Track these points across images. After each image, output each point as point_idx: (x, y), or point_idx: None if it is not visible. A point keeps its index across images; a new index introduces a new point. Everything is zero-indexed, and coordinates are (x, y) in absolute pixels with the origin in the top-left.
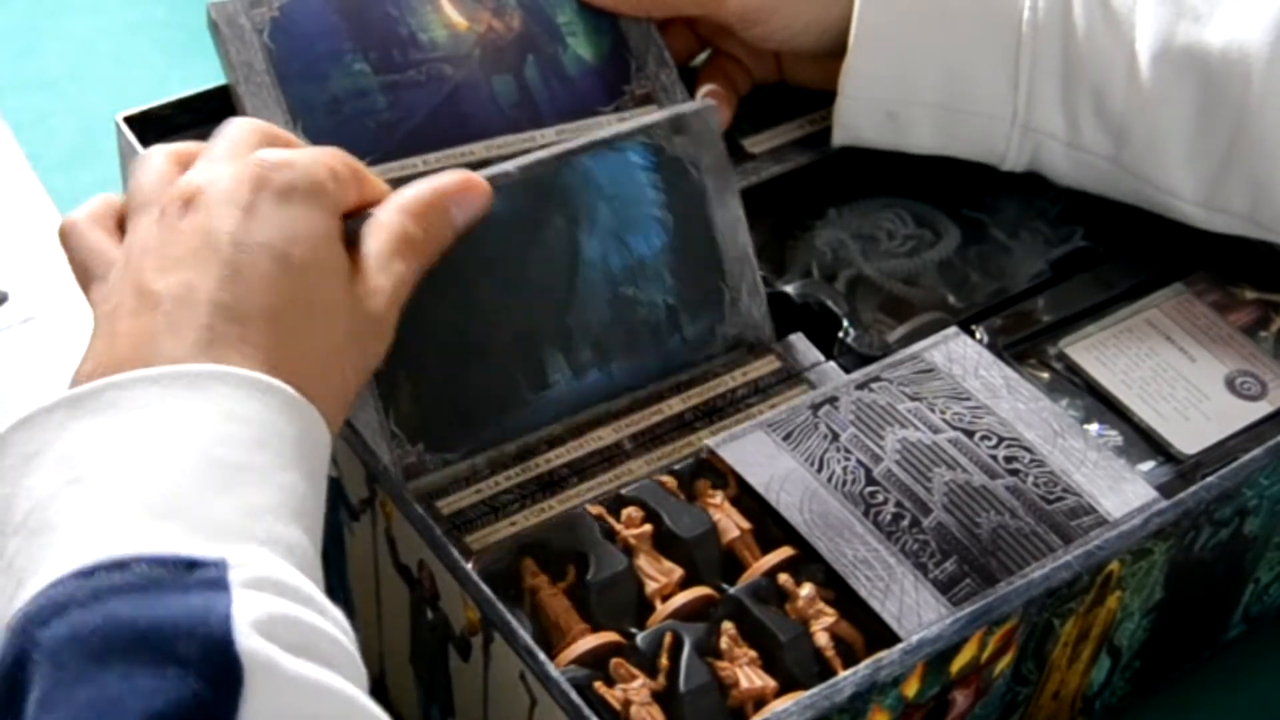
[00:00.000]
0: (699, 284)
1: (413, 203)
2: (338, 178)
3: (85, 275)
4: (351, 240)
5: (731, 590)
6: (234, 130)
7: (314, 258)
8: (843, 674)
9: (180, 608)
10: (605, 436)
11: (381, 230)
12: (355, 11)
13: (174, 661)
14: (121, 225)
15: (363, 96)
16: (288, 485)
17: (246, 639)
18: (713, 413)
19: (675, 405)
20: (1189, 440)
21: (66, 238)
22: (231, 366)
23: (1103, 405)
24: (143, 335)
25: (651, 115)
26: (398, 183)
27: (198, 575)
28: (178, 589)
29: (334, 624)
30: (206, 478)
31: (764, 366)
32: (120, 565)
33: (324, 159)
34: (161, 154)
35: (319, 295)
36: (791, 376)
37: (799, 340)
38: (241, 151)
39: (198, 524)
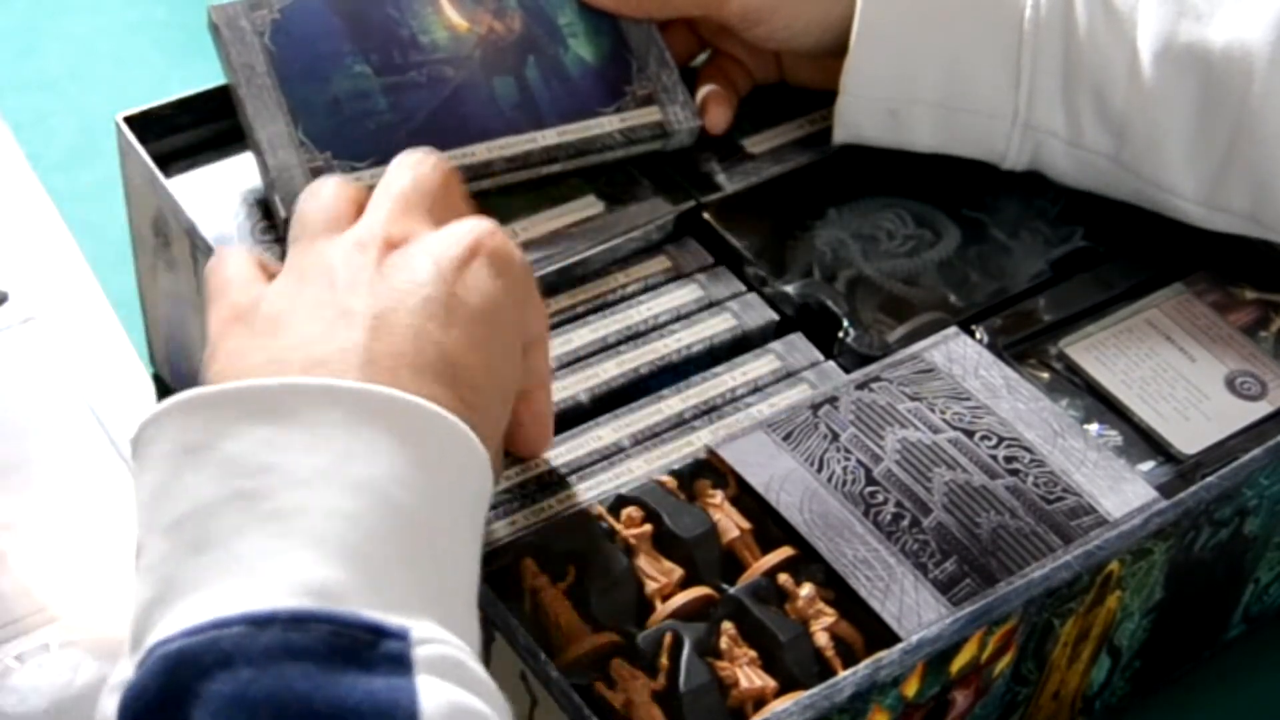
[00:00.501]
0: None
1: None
2: (533, 276)
3: (219, 294)
4: None
5: (731, 590)
6: (424, 174)
7: (512, 342)
8: (843, 674)
9: (363, 693)
10: (605, 436)
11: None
12: (356, 14)
13: None
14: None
15: (364, 98)
16: (468, 553)
17: None
18: (711, 411)
19: (675, 404)
20: (1189, 440)
21: (215, 262)
22: (428, 402)
23: (1103, 405)
24: (338, 346)
25: None
26: None
27: (382, 649)
28: (360, 665)
29: (501, 713)
30: (395, 532)
31: (764, 366)
32: (299, 621)
33: (528, 264)
34: (341, 186)
35: (508, 380)
36: (790, 375)
37: (799, 340)
38: (426, 201)
39: (381, 584)
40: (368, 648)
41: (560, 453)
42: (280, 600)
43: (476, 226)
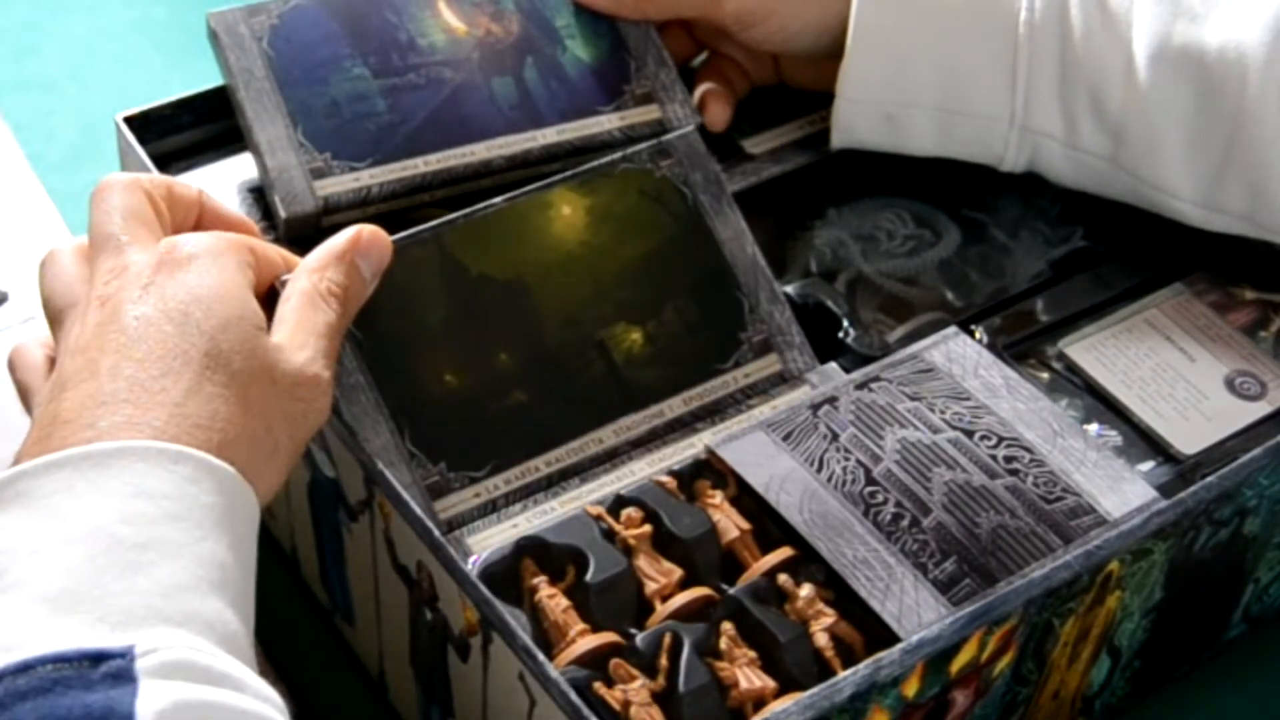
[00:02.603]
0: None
1: (317, 260)
2: (236, 247)
3: (28, 396)
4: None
5: (731, 591)
6: (118, 202)
7: (218, 313)
8: (842, 674)
9: (81, 708)
10: (605, 439)
11: (295, 290)
12: (354, 18)
13: None
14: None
15: (362, 100)
16: (205, 557)
17: None
18: (714, 413)
19: (676, 407)
20: (1189, 440)
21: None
22: (136, 439)
23: (1102, 405)
24: (49, 415)
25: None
26: (398, 184)
27: (103, 669)
28: (81, 686)
29: (256, 698)
30: (112, 562)
31: (766, 368)
32: (25, 669)
33: (225, 235)
34: (67, 255)
35: (228, 350)
36: (792, 379)
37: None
38: (138, 232)
39: (104, 613)
40: (89, 671)
41: (560, 454)
42: (6, 658)
43: (164, 245)
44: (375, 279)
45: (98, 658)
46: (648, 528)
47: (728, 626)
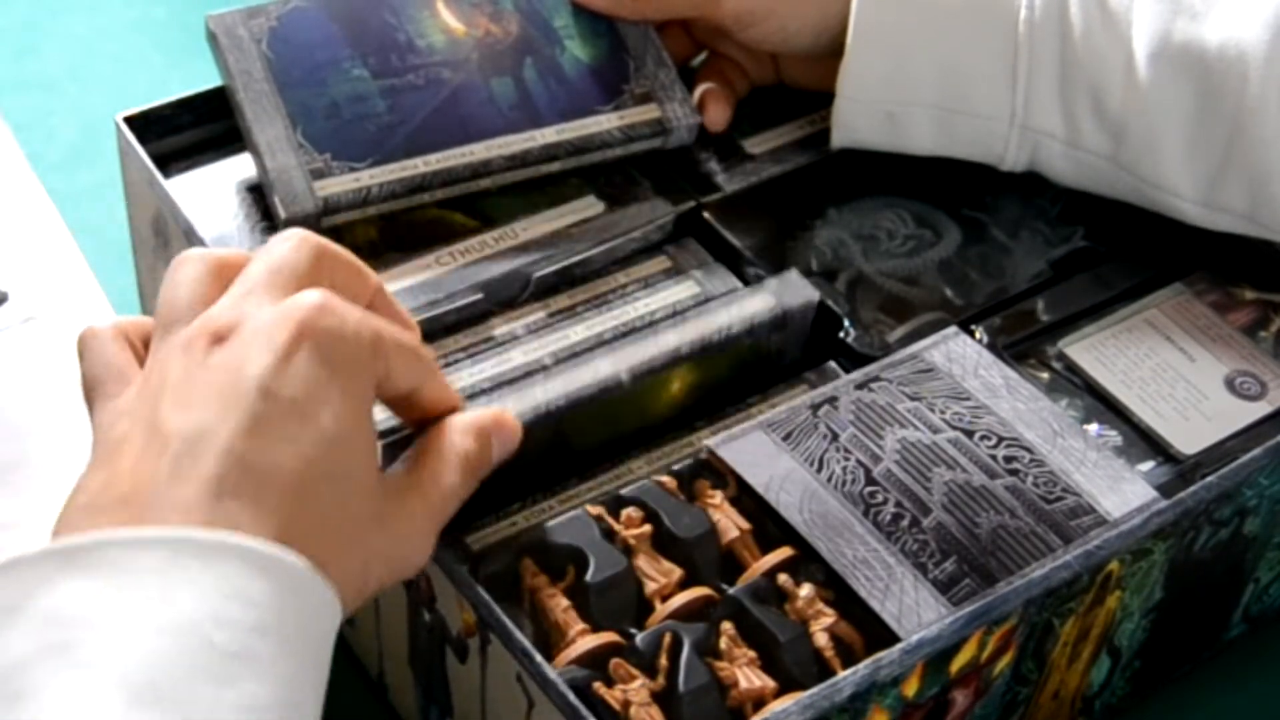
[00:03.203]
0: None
1: (472, 425)
2: (379, 351)
3: (95, 390)
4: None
5: (731, 590)
6: (282, 253)
7: (343, 429)
8: (842, 674)
9: None
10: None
11: (446, 442)
12: (353, 20)
13: None
14: (146, 344)
15: (362, 100)
16: (289, 677)
17: None
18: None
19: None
20: (1189, 440)
21: (84, 346)
22: (240, 536)
23: (1102, 405)
24: (146, 477)
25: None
26: (397, 184)
27: None
28: None
29: None
30: (199, 665)
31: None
32: None
33: (374, 324)
34: (200, 264)
35: (344, 468)
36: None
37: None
38: (287, 283)
39: (186, 717)
40: None
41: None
42: None
43: (303, 307)
44: (500, 462)
45: None
46: (648, 528)
47: (728, 626)
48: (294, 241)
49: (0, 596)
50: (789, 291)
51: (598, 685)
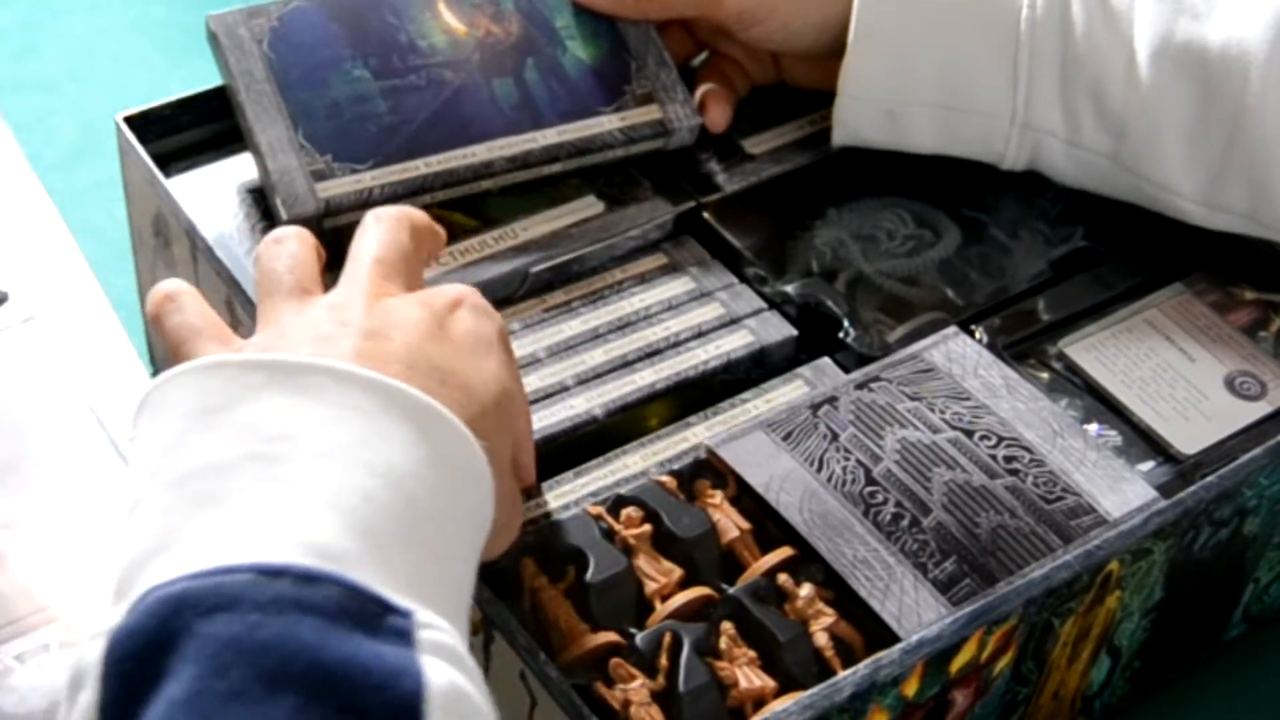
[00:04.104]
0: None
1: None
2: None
3: (194, 341)
4: None
5: (731, 590)
6: (382, 247)
7: (503, 378)
8: (842, 674)
9: (372, 655)
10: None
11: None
12: (354, 20)
13: (354, 713)
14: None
15: (363, 101)
16: (471, 554)
17: (435, 713)
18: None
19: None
20: (1189, 440)
21: (170, 303)
22: (451, 413)
23: (1102, 405)
24: (369, 354)
25: None
26: (399, 185)
27: (389, 622)
28: (368, 631)
29: (491, 709)
30: (405, 519)
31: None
32: (310, 579)
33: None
34: (298, 237)
35: (504, 413)
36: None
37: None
38: (395, 277)
39: (390, 565)
40: (376, 617)
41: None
42: (291, 556)
43: (458, 286)
44: None
45: (385, 607)
46: (648, 527)
47: (728, 626)
48: (403, 224)
49: (204, 397)
50: (768, 329)
51: (598, 685)
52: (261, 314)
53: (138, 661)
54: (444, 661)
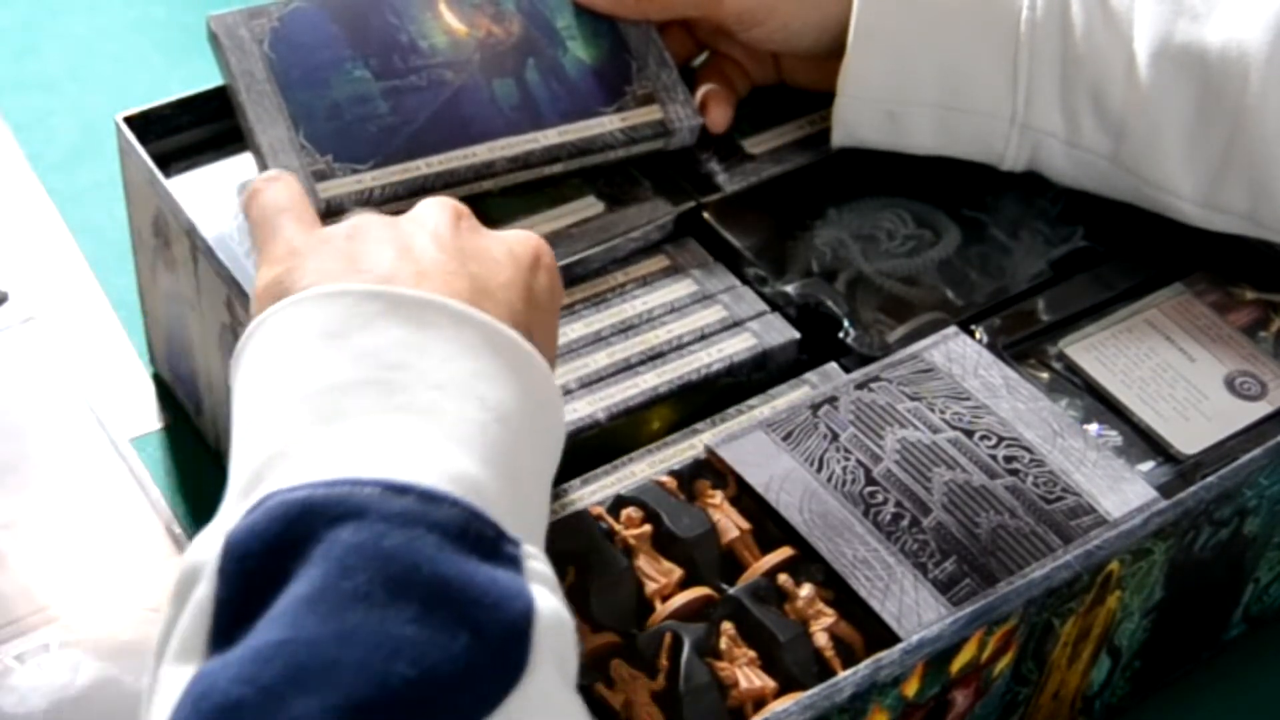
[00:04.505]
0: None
1: None
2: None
3: (286, 213)
4: None
5: (731, 590)
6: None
7: (556, 336)
8: (842, 674)
9: (488, 577)
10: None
11: None
12: (355, 20)
13: (469, 629)
14: None
15: (364, 102)
16: (546, 495)
17: (541, 637)
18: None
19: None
20: (1189, 440)
21: (261, 188)
22: (542, 360)
23: (1102, 405)
24: (476, 296)
25: None
26: (400, 186)
27: (504, 548)
28: (485, 553)
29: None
30: (511, 453)
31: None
32: (434, 499)
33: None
34: (290, 177)
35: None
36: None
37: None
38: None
39: (502, 494)
40: (492, 541)
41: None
42: (419, 477)
43: (532, 237)
44: None
45: (503, 536)
46: (648, 528)
47: (728, 626)
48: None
49: (323, 323)
50: (770, 332)
51: (598, 685)
52: (291, 240)
53: (261, 559)
54: (548, 590)
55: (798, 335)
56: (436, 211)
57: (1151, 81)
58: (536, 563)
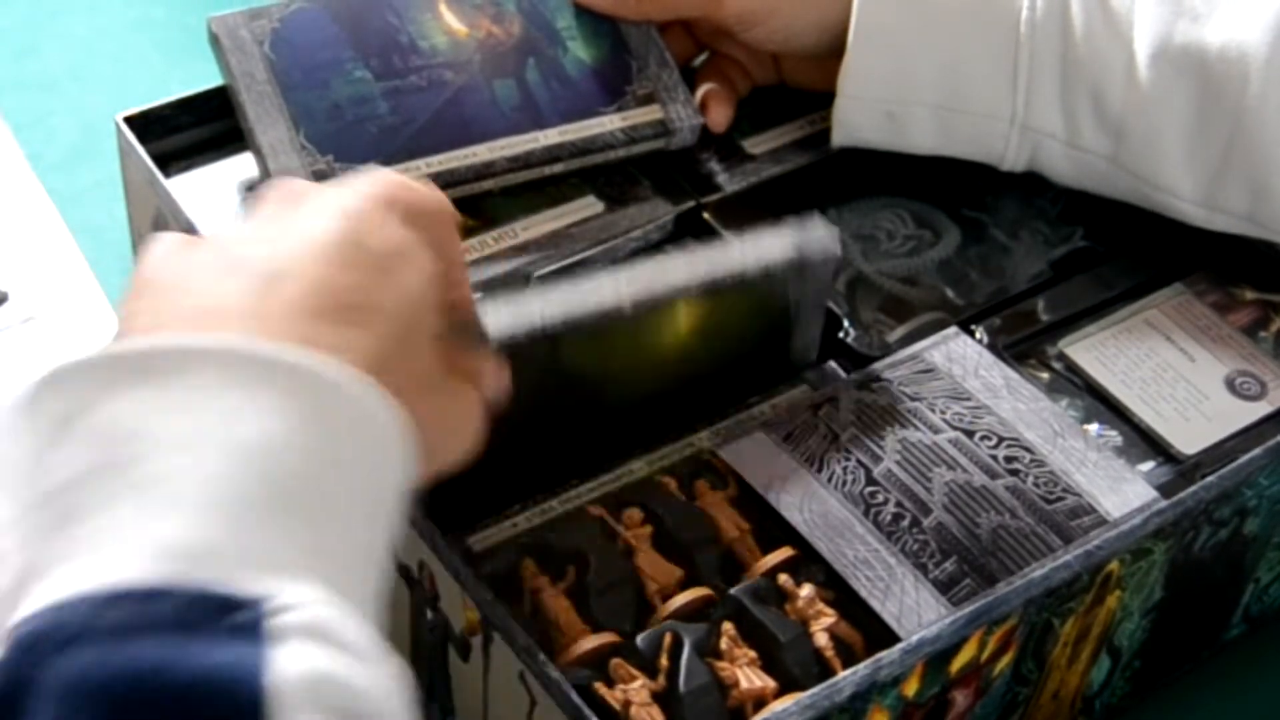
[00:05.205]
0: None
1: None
2: (454, 225)
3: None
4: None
5: (731, 591)
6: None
7: (422, 290)
8: (842, 674)
9: (212, 666)
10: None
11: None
12: (355, 21)
13: None
14: None
15: (364, 102)
16: (366, 516)
17: (284, 704)
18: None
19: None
20: (1189, 440)
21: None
22: (324, 357)
23: (1103, 405)
24: (229, 295)
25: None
26: None
27: (236, 620)
28: (211, 637)
29: (386, 679)
30: (274, 494)
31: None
32: (153, 596)
33: (448, 205)
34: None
35: (420, 327)
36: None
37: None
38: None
39: (250, 547)
40: (218, 619)
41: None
42: (136, 572)
43: (387, 180)
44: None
45: (236, 603)
46: (648, 528)
47: (728, 626)
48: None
49: (56, 407)
50: (812, 241)
51: (598, 685)
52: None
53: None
54: (309, 643)
55: (839, 249)
56: (257, 209)
57: (1151, 82)
58: (294, 614)
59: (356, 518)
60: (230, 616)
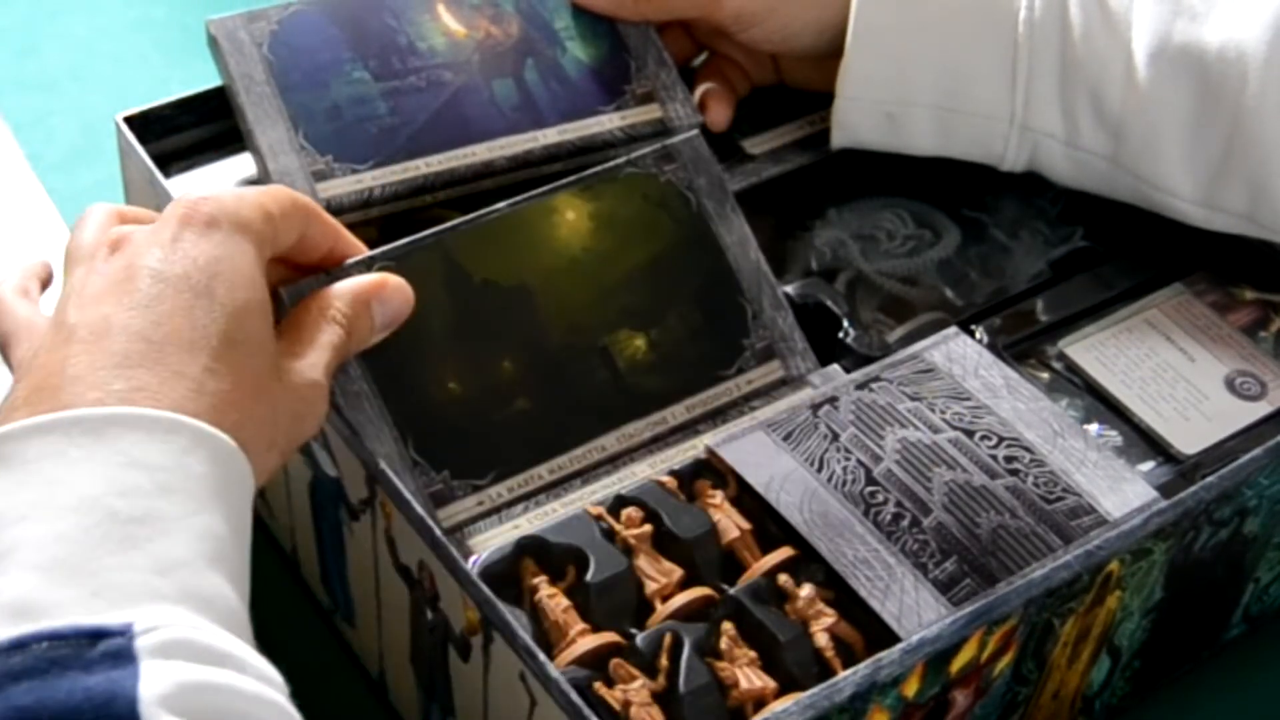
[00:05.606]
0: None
1: (336, 290)
2: (269, 217)
3: (9, 344)
4: (289, 303)
5: (731, 591)
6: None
7: (236, 296)
8: (842, 674)
9: (83, 692)
10: (608, 446)
11: (307, 305)
12: (354, 23)
13: None
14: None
15: (363, 103)
16: (201, 530)
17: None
18: (716, 417)
19: (679, 414)
20: (1189, 440)
21: None
22: (135, 407)
23: (1103, 405)
24: (55, 367)
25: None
26: (400, 185)
27: (102, 648)
28: (79, 667)
29: (258, 679)
30: (107, 535)
31: (768, 374)
32: (18, 646)
33: (257, 198)
34: (102, 210)
35: (242, 332)
36: (794, 381)
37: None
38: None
39: (99, 588)
40: (87, 650)
41: (563, 461)
42: (2, 633)
43: (182, 201)
44: (386, 330)
45: (96, 635)
46: (648, 528)
47: (728, 626)
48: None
49: None
50: (674, 119)
51: (598, 685)
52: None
53: None
54: (171, 660)
55: (700, 119)
56: (84, 265)
57: (1150, 82)
58: (157, 635)
59: (204, 525)
60: (98, 646)
